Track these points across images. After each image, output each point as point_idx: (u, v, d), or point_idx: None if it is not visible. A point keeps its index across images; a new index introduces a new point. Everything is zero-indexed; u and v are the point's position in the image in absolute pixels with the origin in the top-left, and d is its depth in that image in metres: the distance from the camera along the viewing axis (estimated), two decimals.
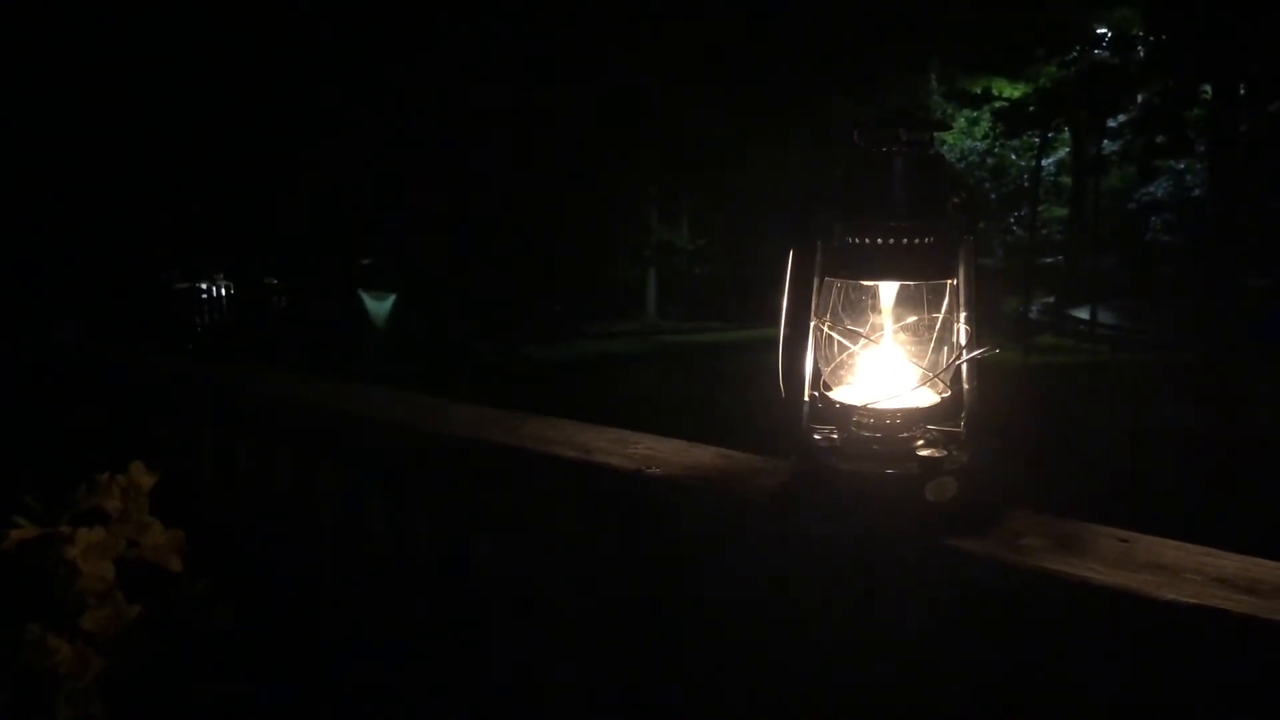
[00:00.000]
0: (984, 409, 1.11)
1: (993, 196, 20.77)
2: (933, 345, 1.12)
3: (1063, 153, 19.85)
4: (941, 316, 1.12)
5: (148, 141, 11.32)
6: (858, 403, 1.12)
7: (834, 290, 1.14)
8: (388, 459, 1.68)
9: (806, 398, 1.15)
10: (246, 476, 1.92)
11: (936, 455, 1.08)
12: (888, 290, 1.12)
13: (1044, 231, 19.79)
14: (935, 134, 1.11)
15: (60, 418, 2.39)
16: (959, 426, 1.13)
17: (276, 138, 12.59)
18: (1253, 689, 0.86)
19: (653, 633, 1.31)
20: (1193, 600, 0.88)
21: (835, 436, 1.14)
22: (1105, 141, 17.49)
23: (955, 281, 1.10)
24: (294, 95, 12.39)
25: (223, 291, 16.59)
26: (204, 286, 16.36)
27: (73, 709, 1.35)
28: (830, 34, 14.42)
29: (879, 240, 1.07)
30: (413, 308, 14.95)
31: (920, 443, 1.11)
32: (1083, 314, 15.36)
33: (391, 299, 15.25)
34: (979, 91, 17.38)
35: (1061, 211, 20.15)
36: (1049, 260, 19.10)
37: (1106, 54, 15.88)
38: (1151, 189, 17.77)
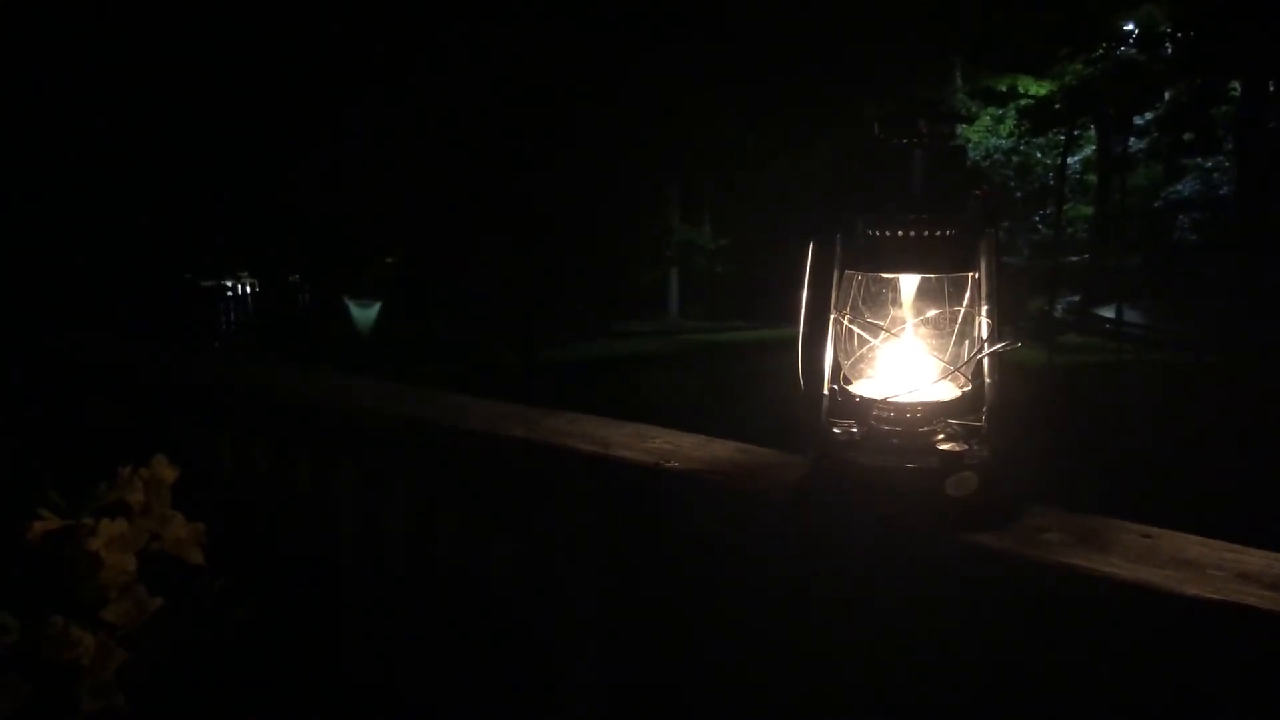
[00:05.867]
0: (1006, 404, 1.10)
1: (1018, 195, 20.61)
2: (954, 339, 1.11)
3: (1088, 151, 19.67)
4: (963, 310, 1.11)
5: (173, 142, 11.40)
6: (878, 396, 1.12)
7: (854, 284, 1.13)
8: (406, 454, 1.69)
9: (826, 391, 1.15)
10: (266, 473, 1.93)
11: (957, 449, 1.07)
12: (908, 283, 1.11)
13: (1069, 230, 19.62)
14: (957, 128, 1.10)
15: (85, 414, 2.41)
16: (980, 421, 1.12)
17: (299, 136, 12.66)
18: (1277, 684, 0.85)
19: (671, 627, 1.31)
20: (1216, 596, 0.87)
21: (855, 430, 1.14)
22: (1131, 139, 17.36)
23: (976, 275, 1.09)
24: (318, 92, 12.45)
25: (247, 289, 16.70)
26: (229, 285, 16.48)
27: (95, 700, 1.36)
28: (855, 33, 14.36)
29: (899, 232, 1.06)
30: (422, 308, 14.97)
31: (940, 437, 1.10)
32: (1108, 313, 15.23)
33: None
34: (1004, 89, 17.29)
35: (1087, 210, 19.96)
36: (1074, 259, 18.93)
37: (1133, 51, 15.75)
38: (1178, 187, 17.59)
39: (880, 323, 1.13)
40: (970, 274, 1.09)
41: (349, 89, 12.73)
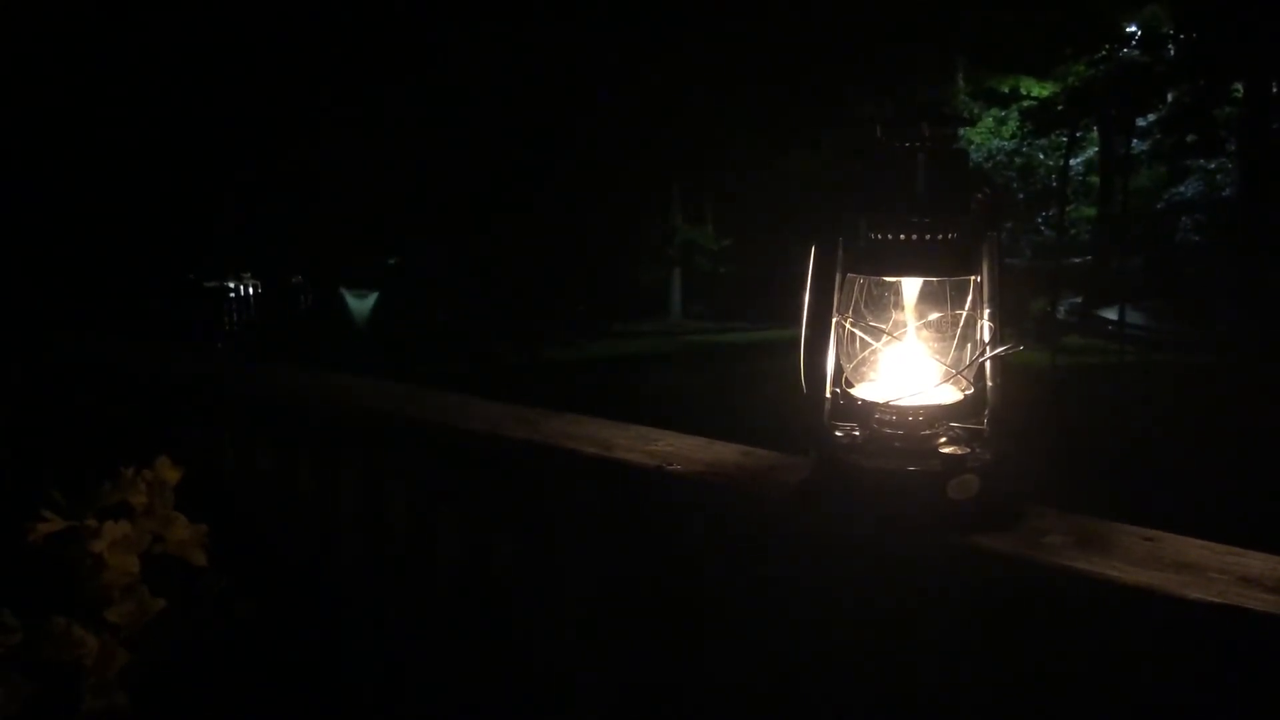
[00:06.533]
0: (1008, 406, 1.10)
1: (1020, 196, 20.58)
2: (956, 342, 1.11)
3: (1091, 152, 19.66)
4: (965, 313, 1.11)
5: (176, 143, 11.40)
6: (880, 399, 1.12)
7: (856, 286, 1.13)
8: (408, 455, 1.69)
9: (828, 394, 1.15)
10: (267, 473, 1.93)
11: (959, 452, 1.07)
12: (910, 286, 1.11)
13: (1072, 231, 19.60)
14: (959, 131, 1.10)
15: (88, 415, 2.41)
16: (982, 424, 1.12)
17: (302, 136, 12.66)
18: (1278, 688, 0.85)
19: (673, 629, 1.31)
20: (1218, 599, 0.87)
21: (857, 433, 1.14)
22: (1134, 141, 17.34)
23: (979, 278, 1.09)
24: (321, 93, 12.45)
25: (250, 290, 16.72)
26: (232, 285, 16.50)
27: (98, 700, 1.36)
28: (857, 34, 14.36)
29: (901, 236, 1.06)
30: (422, 307, 14.97)
31: (943, 440, 1.10)
32: (1111, 314, 15.21)
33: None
34: (1007, 90, 17.27)
35: (1090, 211, 19.95)
36: (1077, 260, 18.90)
37: (1136, 52, 15.74)
38: (1181, 189, 17.58)
39: (882, 326, 1.13)
40: (972, 277, 1.09)
41: (353, 89, 12.73)
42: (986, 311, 1.09)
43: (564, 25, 13.35)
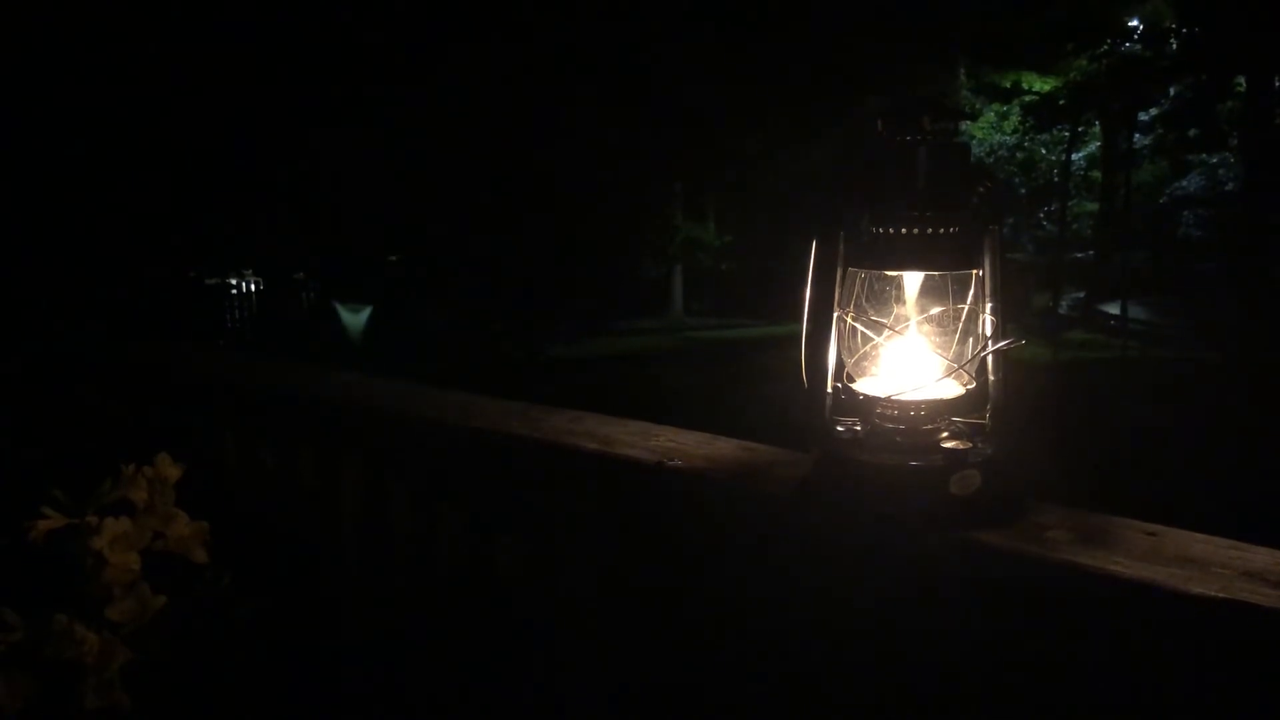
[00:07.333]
0: (1010, 401, 1.10)
1: (1022, 191, 20.60)
2: (958, 336, 1.11)
3: (1093, 147, 19.66)
4: (966, 307, 1.10)
5: (177, 138, 11.40)
6: (881, 394, 1.11)
7: (858, 281, 1.13)
8: (410, 453, 1.68)
9: (829, 389, 1.14)
10: (270, 472, 1.93)
11: (961, 447, 1.07)
12: (912, 281, 1.11)
13: (1074, 226, 19.62)
14: (961, 124, 1.10)
15: (89, 411, 2.41)
16: (984, 419, 1.12)
17: (306, 133, 12.65)
18: None
19: (674, 625, 1.30)
20: (1221, 594, 0.86)
21: (858, 428, 1.13)
22: (1136, 135, 17.33)
23: (980, 272, 1.09)
24: (326, 89, 12.44)
25: (252, 287, 16.72)
26: (233, 282, 16.50)
27: (99, 699, 1.36)
28: (859, 29, 14.34)
29: (902, 230, 1.06)
30: (423, 306, 14.95)
31: (944, 435, 1.10)
32: (1113, 309, 15.21)
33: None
34: (1008, 85, 17.28)
35: (1092, 206, 19.95)
36: (1079, 255, 18.92)
37: (1138, 47, 15.73)
38: (1183, 183, 17.58)
39: (884, 320, 1.13)
40: (974, 271, 1.09)
41: (356, 85, 12.73)
42: (988, 306, 1.09)
43: (565, 24, 13.34)
